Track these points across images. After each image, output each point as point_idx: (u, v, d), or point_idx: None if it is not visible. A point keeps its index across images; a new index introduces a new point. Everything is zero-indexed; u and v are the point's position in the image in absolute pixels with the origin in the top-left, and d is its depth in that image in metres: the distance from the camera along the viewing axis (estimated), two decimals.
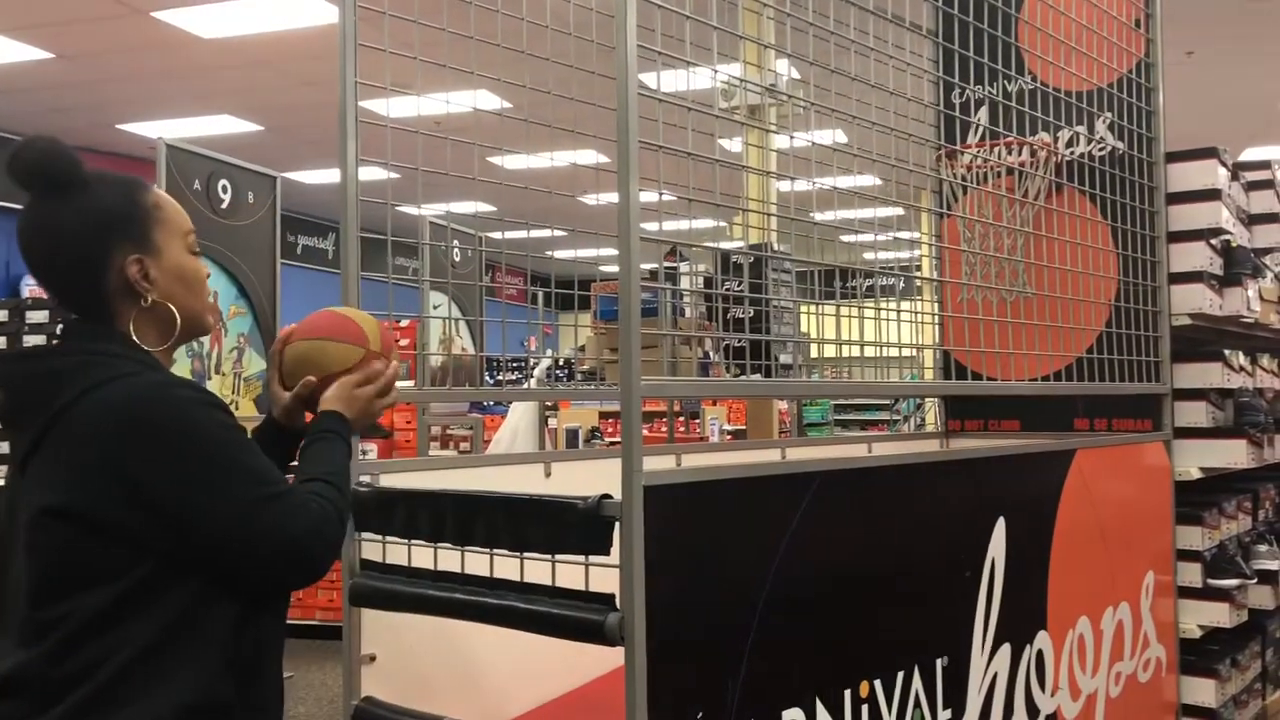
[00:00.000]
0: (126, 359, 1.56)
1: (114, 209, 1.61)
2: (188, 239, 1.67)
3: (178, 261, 1.64)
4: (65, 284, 1.61)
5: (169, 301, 1.62)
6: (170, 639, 1.47)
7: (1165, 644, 3.60)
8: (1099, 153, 3.69)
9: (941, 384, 3.86)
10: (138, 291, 1.60)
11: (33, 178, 1.58)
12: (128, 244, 1.60)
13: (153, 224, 1.63)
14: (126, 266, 1.59)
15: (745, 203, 3.34)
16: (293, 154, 12.33)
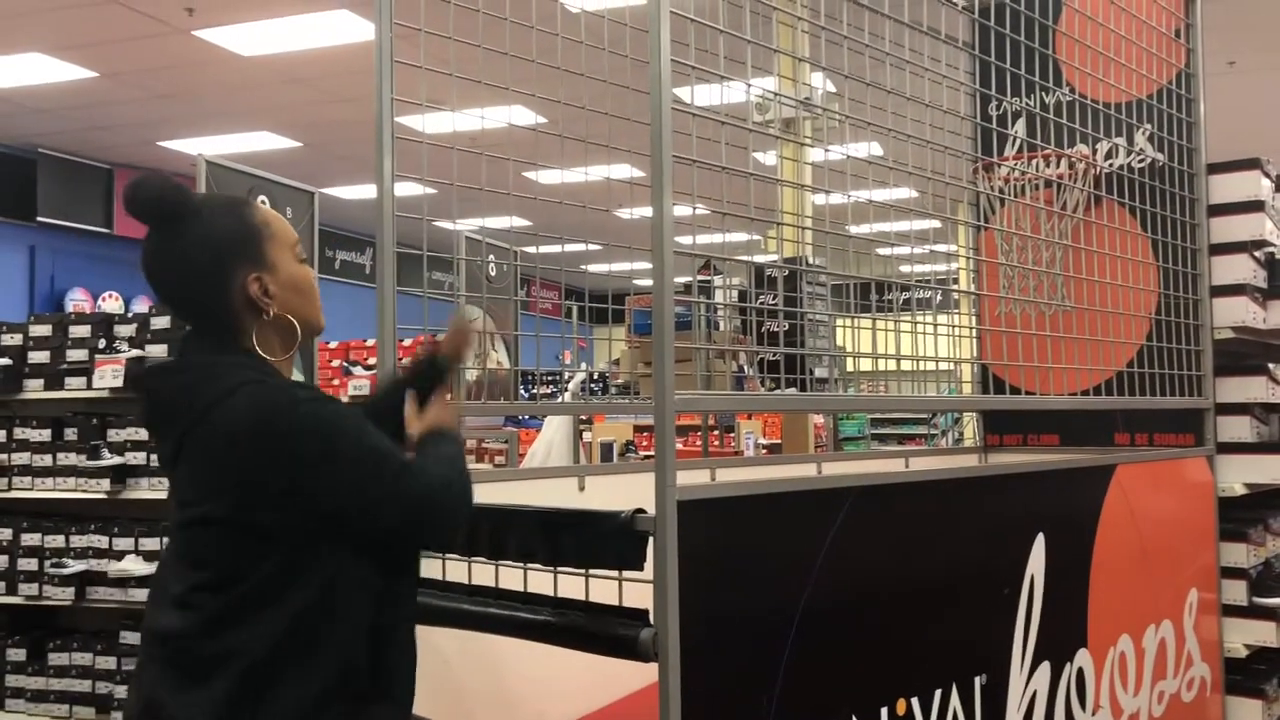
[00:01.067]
0: (249, 368, 1.67)
1: (229, 233, 1.71)
2: (295, 249, 1.78)
3: (291, 273, 1.75)
4: (194, 308, 1.73)
5: (288, 312, 1.74)
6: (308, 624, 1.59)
7: (1210, 663, 3.53)
8: (1138, 165, 3.65)
9: (980, 398, 3.82)
10: (260, 307, 1.70)
11: (149, 213, 1.69)
12: (246, 264, 1.70)
13: (265, 241, 1.73)
14: (248, 285, 1.69)
15: (780, 216, 3.33)
16: (330, 170, 12.46)
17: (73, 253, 12.16)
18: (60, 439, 5.44)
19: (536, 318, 4.29)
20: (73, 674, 5.31)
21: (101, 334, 5.44)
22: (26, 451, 5.46)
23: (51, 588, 5.31)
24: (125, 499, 5.30)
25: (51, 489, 5.40)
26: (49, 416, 5.49)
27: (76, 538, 5.34)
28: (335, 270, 15.72)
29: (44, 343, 5.54)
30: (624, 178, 2.69)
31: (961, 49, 3.52)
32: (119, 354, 5.30)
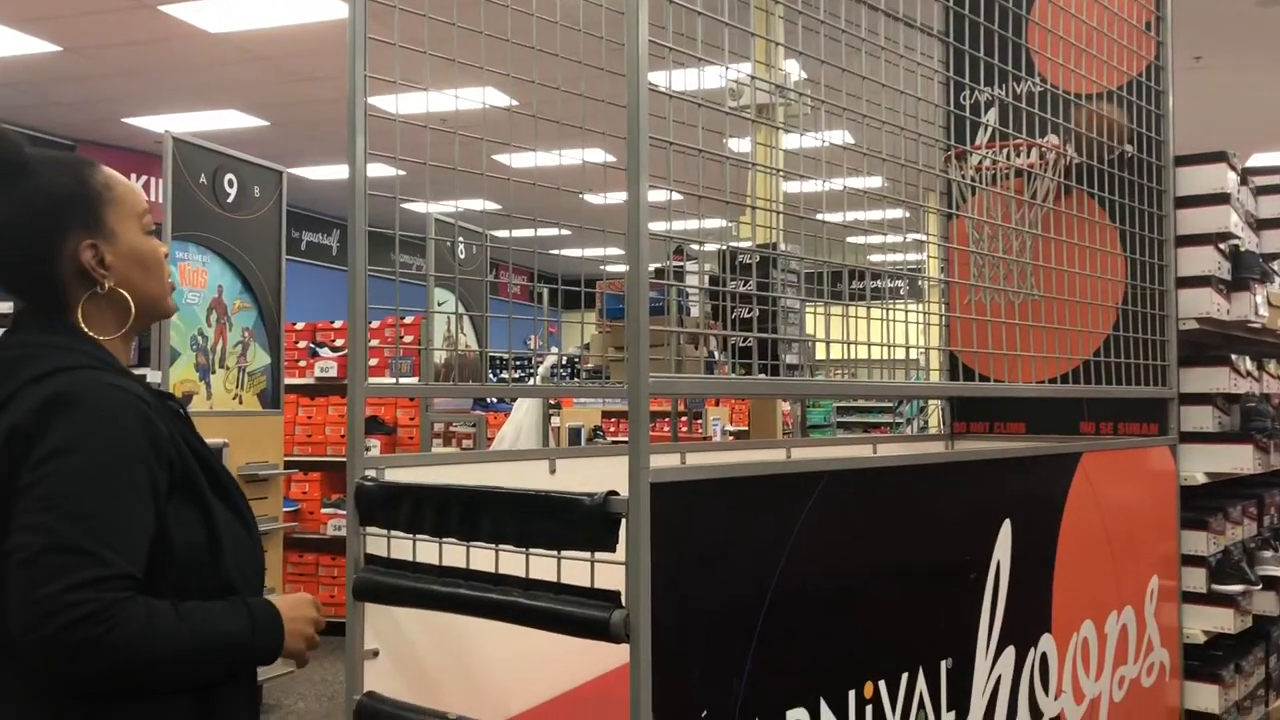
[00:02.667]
0: (71, 351, 1.47)
1: (62, 192, 1.51)
2: (143, 219, 1.57)
3: (134, 244, 1.55)
4: (13, 273, 1.53)
5: (125, 287, 1.54)
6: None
7: (1169, 649, 3.59)
8: (1108, 156, 3.68)
9: (948, 385, 3.85)
10: (93, 278, 1.51)
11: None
12: (79, 229, 1.51)
13: (104, 206, 1.53)
14: (80, 252, 1.51)
15: (753, 202, 3.34)
16: (298, 150, 12.34)
17: None
18: None
19: (508, 302, 4.28)
20: None
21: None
22: None
23: None
24: None
25: None
26: None
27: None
28: (301, 251, 15.57)
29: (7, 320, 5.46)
30: (597, 161, 2.68)
31: (935, 37, 3.53)
32: None
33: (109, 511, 1.35)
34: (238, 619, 1.47)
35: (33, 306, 1.54)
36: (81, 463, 1.35)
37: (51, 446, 1.36)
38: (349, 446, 2.31)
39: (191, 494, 1.48)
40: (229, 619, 1.46)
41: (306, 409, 7.73)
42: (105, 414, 1.39)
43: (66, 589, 1.29)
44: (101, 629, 1.29)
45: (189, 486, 1.48)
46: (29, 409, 1.38)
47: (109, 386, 1.43)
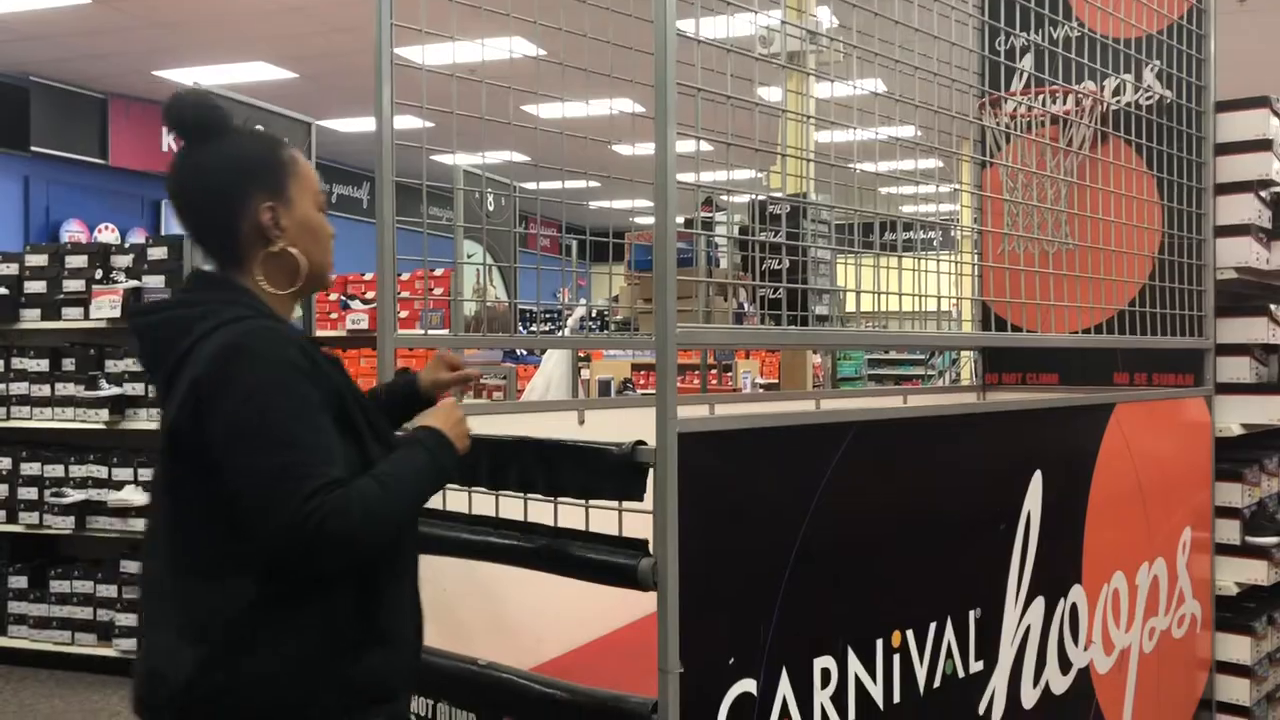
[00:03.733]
0: (240, 304, 1.65)
1: (254, 157, 1.71)
2: (318, 197, 1.77)
3: (307, 214, 1.74)
4: (204, 223, 1.71)
5: (296, 249, 1.71)
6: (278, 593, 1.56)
7: (1201, 600, 3.57)
8: (1146, 102, 3.61)
9: (980, 335, 3.82)
10: (268, 237, 1.69)
11: (185, 126, 1.69)
12: (264, 191, 1.69)
13: (288, 176, 1.72)
14: (260, 212, 1.68)
15: (784, 152, 3.30)
16: (327, 102, 12.32)
17: (68, 184, 12.05)
18: (58, 369, 5.44)
19: (537, 254, 4.27)
20: (74, 601, 5.37)
21: (99, 264, 5.42)
22: (25, 381, 5.47)
23: (52, 516, 5.35)
24: (124, 429, 5.32)
25: (50, 419, 5.42)
26: (47, 346, 5.49)
27: (76, 467, 5.37)
28: (332, 205, 15.61)
29: (40, 273, 5.51)
30: (625, 112, 2.65)
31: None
32: (116, 285, 5.28)
33: (305, 431, 1.54)
34: (418, 454, 1.68)
35: (215, 259, 1.72)
36: (266, 400, 1.53)
37: (237, 393, 1.54)
38: None
39: (347, 429, 1.64)
40: (413, 458, 1.68)
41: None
42: (276, 355, 1.57)
43: (302, 504, 1.48)
44: (338, 523, 1.50)
45: (346, 421, 1.63)
46: (207, 361, 1.56)
47: (274, 331, 1.61)
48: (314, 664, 1.58)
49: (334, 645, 1.60)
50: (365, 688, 1.63)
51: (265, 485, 1.51)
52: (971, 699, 2.50)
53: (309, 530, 1.48)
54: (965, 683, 2.46)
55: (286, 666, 1.56)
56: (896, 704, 2.25)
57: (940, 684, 2.37)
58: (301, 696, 1.57)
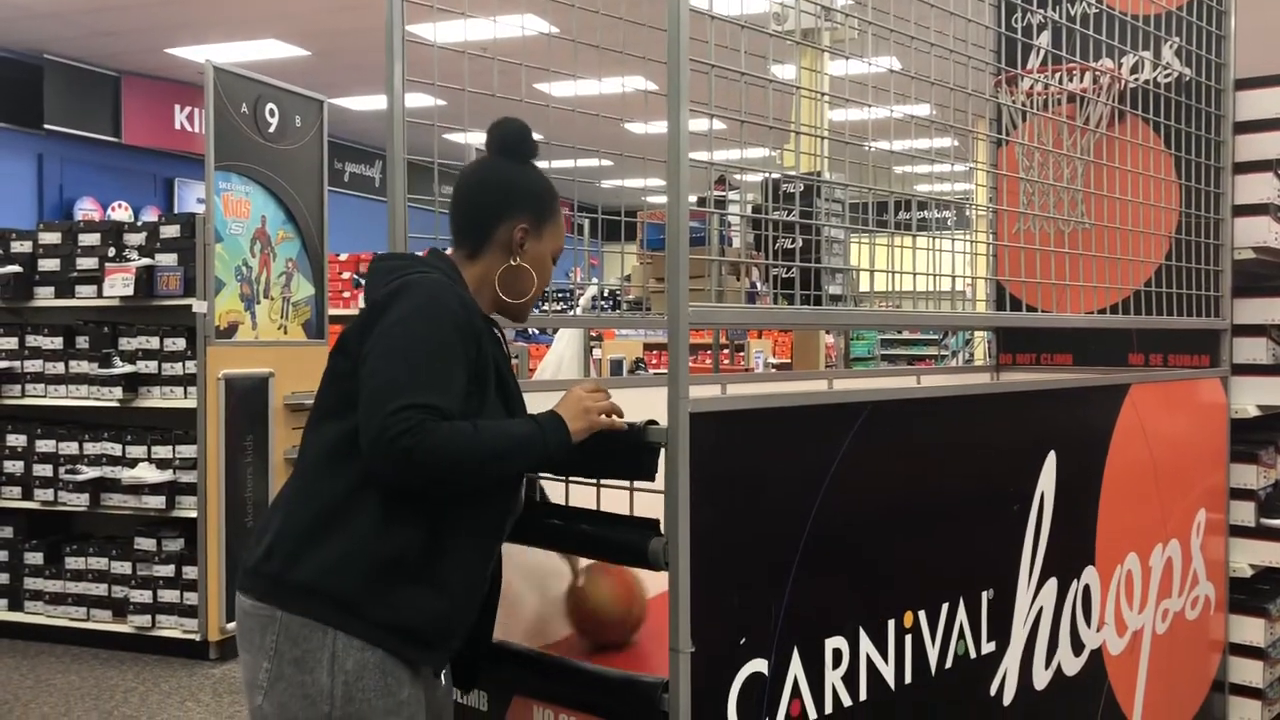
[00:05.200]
0: (443, 272, 1.87)
1: (537, 188, 1.98)
2: (556, 245, 2.01)
3: (544, 253, 1.99)
4: (473, 216, 1.96)
5: (519, 270, 1.95)
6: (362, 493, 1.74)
7: (1215, 582, 3.56)
8: (1164, 79, 3.57)
9: (994, 315, 3.79)
10: (512, 250, 1.94)
11: (502, 142, 1.99)
12: (529, 215, 1.96)
13: (551, 216, 1.99)
14: (516, 227, 1.94)
15: (797, 130, 3.27)
16: (340, 80, 12.29)
17: (81, 162, 12.07)
18: (72, 347, 5.46)
19: None
20: (89, 578, 5.41)
21: (111, 242, 5.42)
22: (39, 359, 5.49)
23: (66, 494, 5.38)
24: (137, 407, 5.34)
25: (64, 396, 5.44)
26: (60, 324, 5.50)
27: (90, 445, 5.39)
28: (345, 183, 15.61)
29: (53, 251, 5.52)
30: (638, 89, 2.63)
31: None
32: (129, 263, 5.28)
33: (430, 361, 1.72)
34: (526, 424, 1.82)
35: (461, 248, 1.96)
36: (414, 326, 1.74)
37: (395, 313, 1.76)
38: None
39: (478, 387, 1.80)
40: (518, 425, 1.82)
41: None
42: (438, 300, 1.77)
43: (391, 413, 1.66)
44: (412, 441, 1.65)
45: (479, 380, 1.80)
46: (386, 292, 1.80)
47: (448, 285, 1.82)
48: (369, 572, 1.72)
49: (392, 566, 1.73)
50: (405, 617, 1.74)
51: (375, 389, 1.69)
52: (983, 680, 2.50)
53: (384, 440, 1.65)
54: (977, 663, 2.46)
55: (343, 562, 1.72)
56: (908, 684, 2.24)
57: (952, 665, 2.37)
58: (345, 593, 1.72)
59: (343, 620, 1.72)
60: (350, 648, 1.72)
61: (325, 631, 1.72)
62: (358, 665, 1.72)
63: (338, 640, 1.72)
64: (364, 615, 1.72)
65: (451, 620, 1.80)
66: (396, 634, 1.74)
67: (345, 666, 1.71)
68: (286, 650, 1.73)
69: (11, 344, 5.55)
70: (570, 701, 1.97)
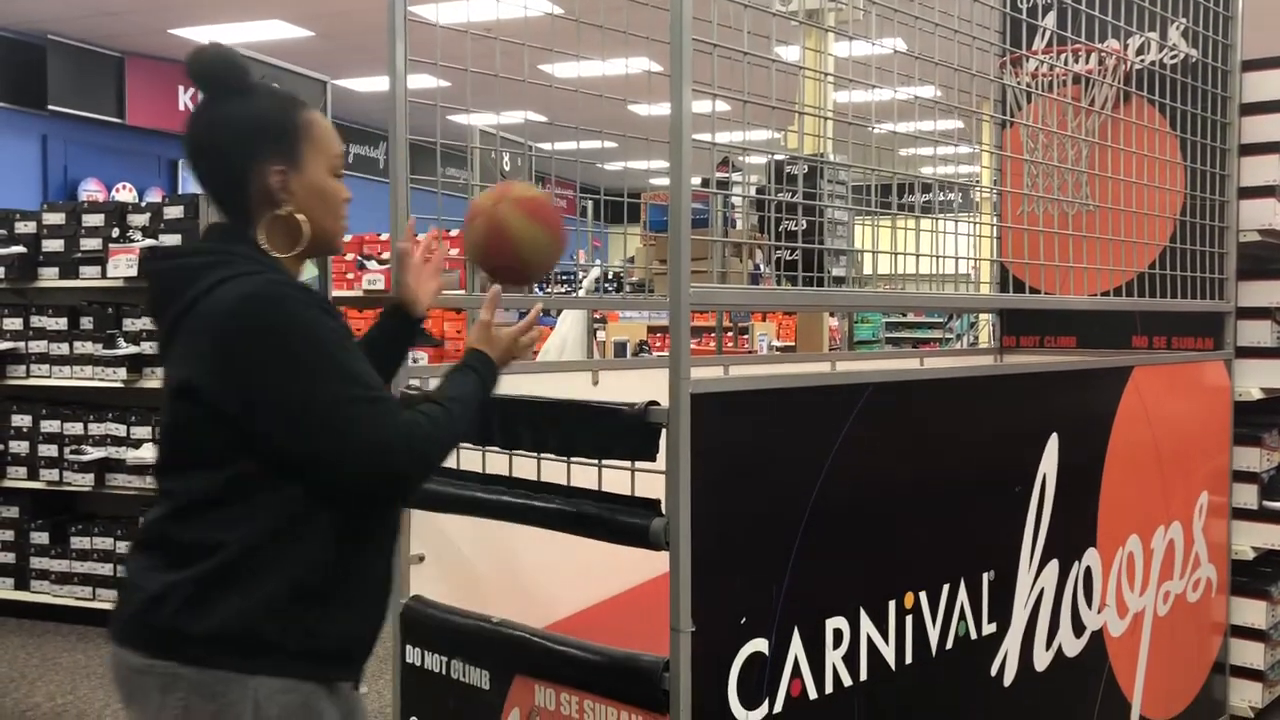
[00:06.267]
0: (252, 260, 1.65)
1: (270, 118, 1.70)
2: (333, 161, 1.75)
3: (317, 179, 1.72)
4: (214, 179, 1.72)
5: (302, 214, 1.70)
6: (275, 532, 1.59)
7: (1217, 564, 3.56)
8: (1170, 60, 3.55)
9: (997, 297, 3.79)
10: (276, 200, 1.69)
11: (206, 80, 1.70)
12: (275, 154, 1.68)
13: (301, 140, 1.71)
14: (269, 175, 1.68)
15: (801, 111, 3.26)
16: (344, 61, 12.25)
17: (85, 143, 12.05)
18: (76, 327, 5.47)
19: None
20: (94, 557, 5.43)
21: (115, 223, 5.42)
22: (43, 339, 5.50)
23: (71, 474, 5.39)
24: (141, 387, 5.34)
25: (69, 377, 5.45)
26: (65, 305, 5.51)
27: (95, 425, 5.40)
28: (349, 165, 15.53)
29: (58, 231, 5.52)
30: (641, 71, 2.63)
31: None
32: (133, 243, 5.28)
33: (355, 360, 1.60)
34: (469, 378, 1.76)
35: (226, 214, 1.73)
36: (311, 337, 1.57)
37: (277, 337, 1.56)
38: None
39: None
40: (461, 380, 1.75)
41: (355, 321, 7.80)
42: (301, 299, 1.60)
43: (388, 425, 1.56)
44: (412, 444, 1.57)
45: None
46: (231, 312, 1.57)
47: (290, 283, 1.64)
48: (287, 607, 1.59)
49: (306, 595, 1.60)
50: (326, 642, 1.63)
51: (341, 414, 1.55)
52: (984, 661, 2.50)
53: (399, 449, 1.56)
54: (978, 644, 2.47)
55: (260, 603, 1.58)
56: (909, 665, 2.25)
57: (953, 645, 2.37)
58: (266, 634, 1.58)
59: (264, 664, 1.58)
60: (274, 691, 1.58)
61: (245, 681, 1.57)
62: (282, 710, 1.59)
63: (260, 688, 1.58)
64: (287, 650, 1.60)
65: (368, 630, 1.71)
66: (320, 661, 1.64)
67: (269, 714, 1.58)
68: (199, 706, 1.57)
69: (16, 325, 5.55)
70: (571, 681, 1.98)
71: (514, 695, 2.07)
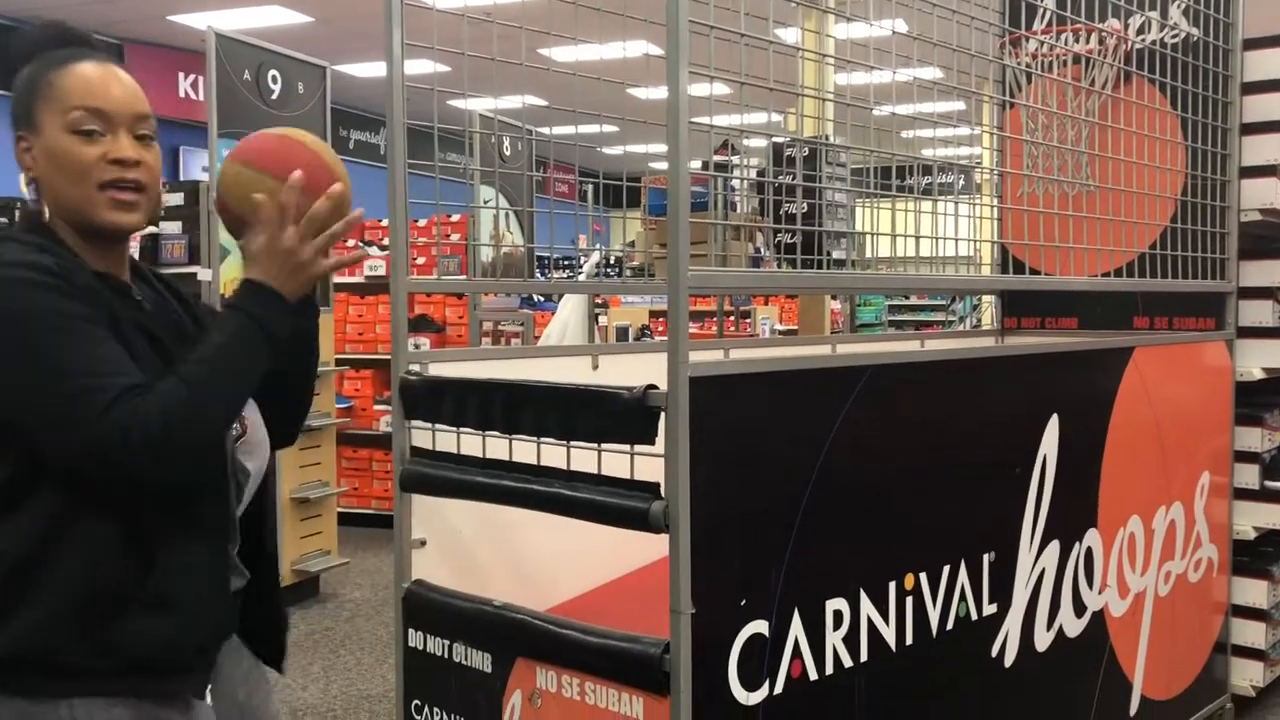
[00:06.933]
0: (14, 241, 1.47)
1: (16, 86, 1.53)
2: (69, 116, 1.49)
3: (51, 141, 1.49)
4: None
5: (44, 186, 1.50)
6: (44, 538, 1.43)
7: (1218, 544, 3.57)
8: (1171, 39, 3.53)
9: (998, 278, 3.79)
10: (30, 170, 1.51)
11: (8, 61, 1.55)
12: (19, 123, 1.52)
13: (37, 100, 1.50)
14: (17, 146, 1.52)
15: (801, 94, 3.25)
16: (343, 46, 12.22)
17: None
18: None
19: (551, 200, 4.24)
20: None
21: None
22: None
23: None
24: None
25: None
26: None
27: None
28: (349, 150, 15.56)
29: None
30: (639, 54, 2.62)
31: None
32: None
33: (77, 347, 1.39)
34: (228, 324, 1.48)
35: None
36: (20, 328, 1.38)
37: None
38: (393, 341, 2.33)
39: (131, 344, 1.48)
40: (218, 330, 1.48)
41: (357, 307, 7.80)
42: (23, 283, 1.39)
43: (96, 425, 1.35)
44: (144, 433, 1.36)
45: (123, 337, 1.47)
46: None
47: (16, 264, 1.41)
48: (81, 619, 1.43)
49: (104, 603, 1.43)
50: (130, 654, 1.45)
51: (54, 414, 1.37)
52: (985, 641, 2.51)
53: (115, 450, 1.35)
54: (979, 625, 2.47)
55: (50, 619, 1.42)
56: (909, 645, 2.26)
57: (953, 626, 2.38)
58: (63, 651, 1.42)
59: (71, 685, 1.43)
60: (93, 709, 1.43)
61: (57, 705, 1.42)
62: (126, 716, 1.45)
63: (75, 710, 1.42)
64: (93, 668, 1.43)
65: (184, 638, 1.50)
66: (132, 674, 1.46)
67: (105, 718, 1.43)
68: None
69: None
70: (572, 663, 1.99)
71: (516, 677, 2.08)
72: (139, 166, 1.52)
